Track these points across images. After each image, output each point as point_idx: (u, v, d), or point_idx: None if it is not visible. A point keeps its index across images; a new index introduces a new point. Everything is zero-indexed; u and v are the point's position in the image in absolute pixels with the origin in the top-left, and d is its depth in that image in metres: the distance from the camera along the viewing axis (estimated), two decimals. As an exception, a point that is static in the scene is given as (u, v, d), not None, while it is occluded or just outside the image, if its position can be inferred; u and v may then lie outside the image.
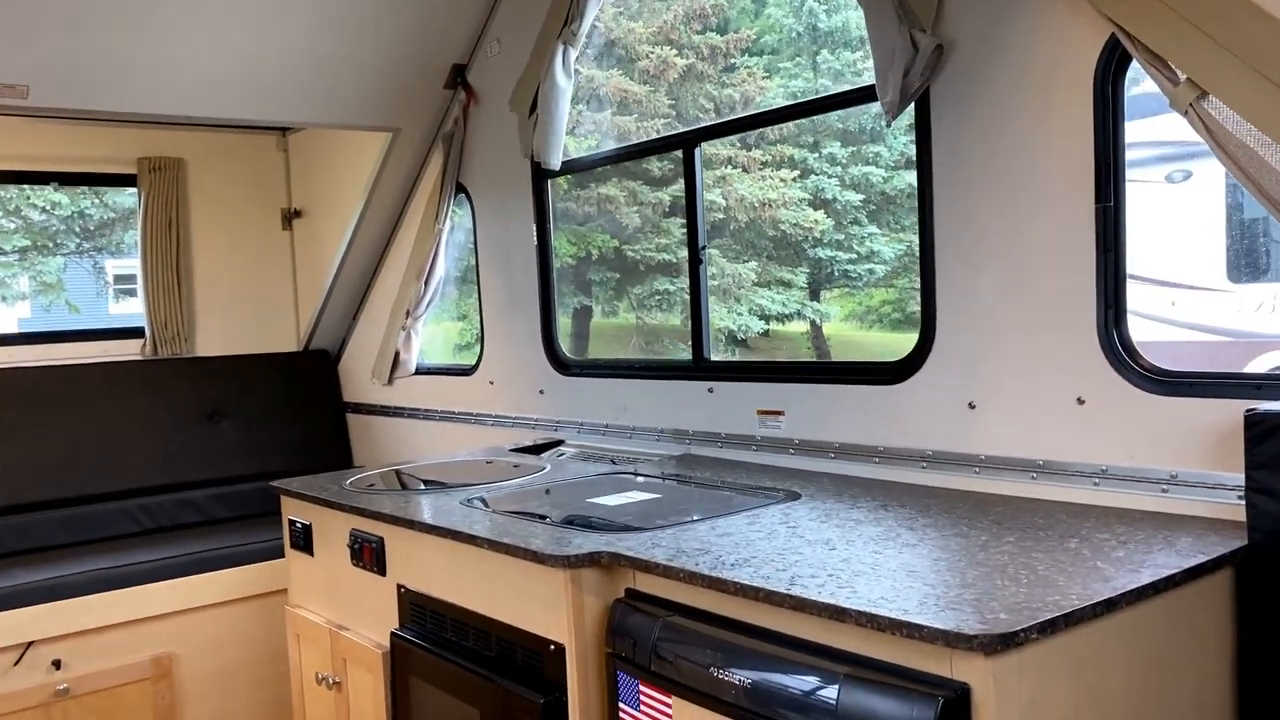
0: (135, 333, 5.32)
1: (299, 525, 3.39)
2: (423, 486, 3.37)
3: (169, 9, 3.75)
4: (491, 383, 4.51)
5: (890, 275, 18.88)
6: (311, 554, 3.35)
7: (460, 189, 4.56)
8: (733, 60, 18.52)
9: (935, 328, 2.75)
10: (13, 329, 17.93)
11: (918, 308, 2.74)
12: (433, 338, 5.24)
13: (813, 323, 18.86)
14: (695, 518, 2.51)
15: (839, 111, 20.23)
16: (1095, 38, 2.35)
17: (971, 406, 2.68)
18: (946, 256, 2.72)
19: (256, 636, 4.33)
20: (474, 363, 4.62)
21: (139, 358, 5.26)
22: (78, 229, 15.85)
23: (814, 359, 2.89)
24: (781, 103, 18.88)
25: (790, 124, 19.05)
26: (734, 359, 3.50)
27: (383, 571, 2.95)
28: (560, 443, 4.08)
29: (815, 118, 18.88)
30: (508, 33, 4.22)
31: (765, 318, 17.84)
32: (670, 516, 2.56)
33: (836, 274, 18.91)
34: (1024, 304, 2.55)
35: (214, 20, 3.85)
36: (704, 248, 3.49)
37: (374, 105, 4.42)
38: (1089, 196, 2.40)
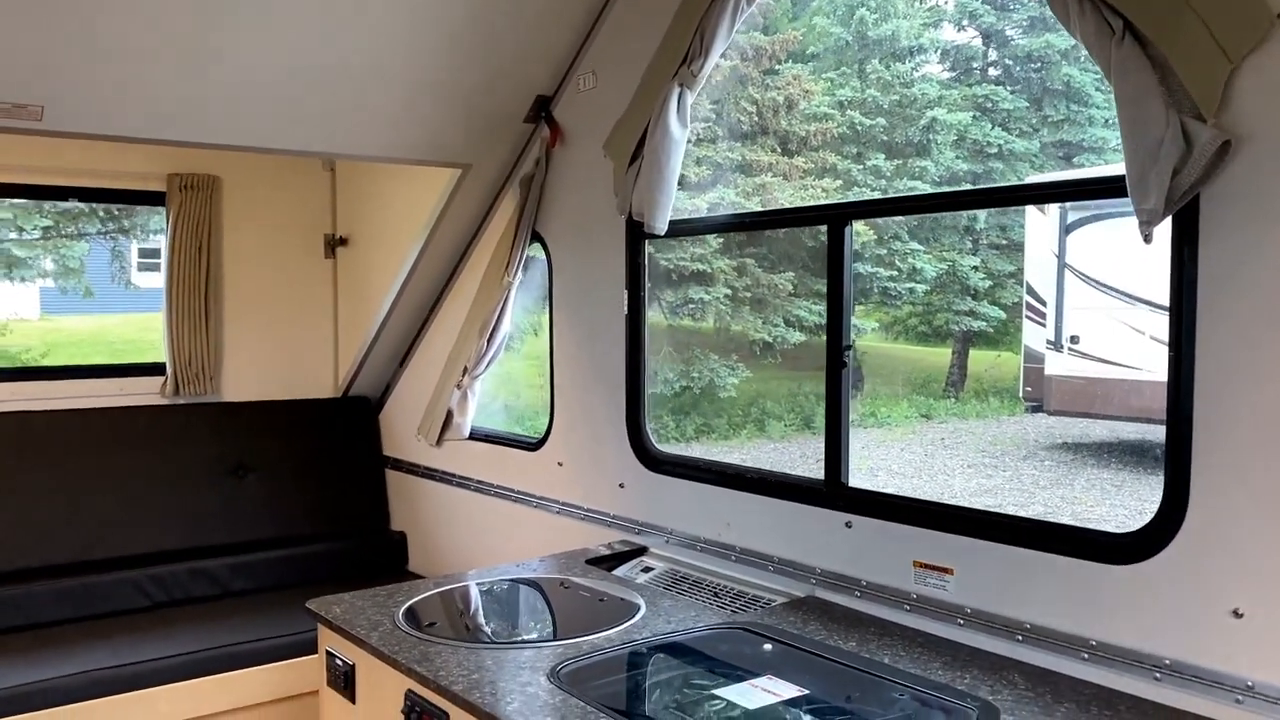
0: (155, 369, 4.74)
1: (340, 662, 2.78)
2: (490, 632, 2.77)
3: (202, 27, 3.14)
4: (560, 464, 3.89)
5: (929, 294, 18.26)
6: (353, 701, 2.74)
7: (536, 237, 3.94)
8: (776, 64, 17.88)
9: (1188, 499, 2.11)
10: (35, 310, 17.51)
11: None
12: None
13: (845, 334, 18.20)
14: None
15: (884, 120, 19.50)
16: None
17: (1237, 614, 2.04)
18: (1212, 404, 2.07)
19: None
20: (540, 437, 4.01)
21: (158, 398, 4.67)
22: (101, 212, 15.38)
23: (995, 513, 2.44)
24: (827, 111, 18.28)
25: (834, 130, 18.45)
26: (885, 492, 2.88)
27: (447, 755, 2.34)
28: (643, 551, 3.47)
29: (859, 123, 18.27)
30: (605, 65, 3.59)
31: (803, 329, 17.17)
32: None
33: (876, 290, 18.26)
34: (1330, 493, 1.91)
35: (254, 39, 3.24)
36: (849, 346, 2.86)
37: (442, 139, 3.80)
38: None
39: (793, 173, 17.91)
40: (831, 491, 2.88)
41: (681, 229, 3.35)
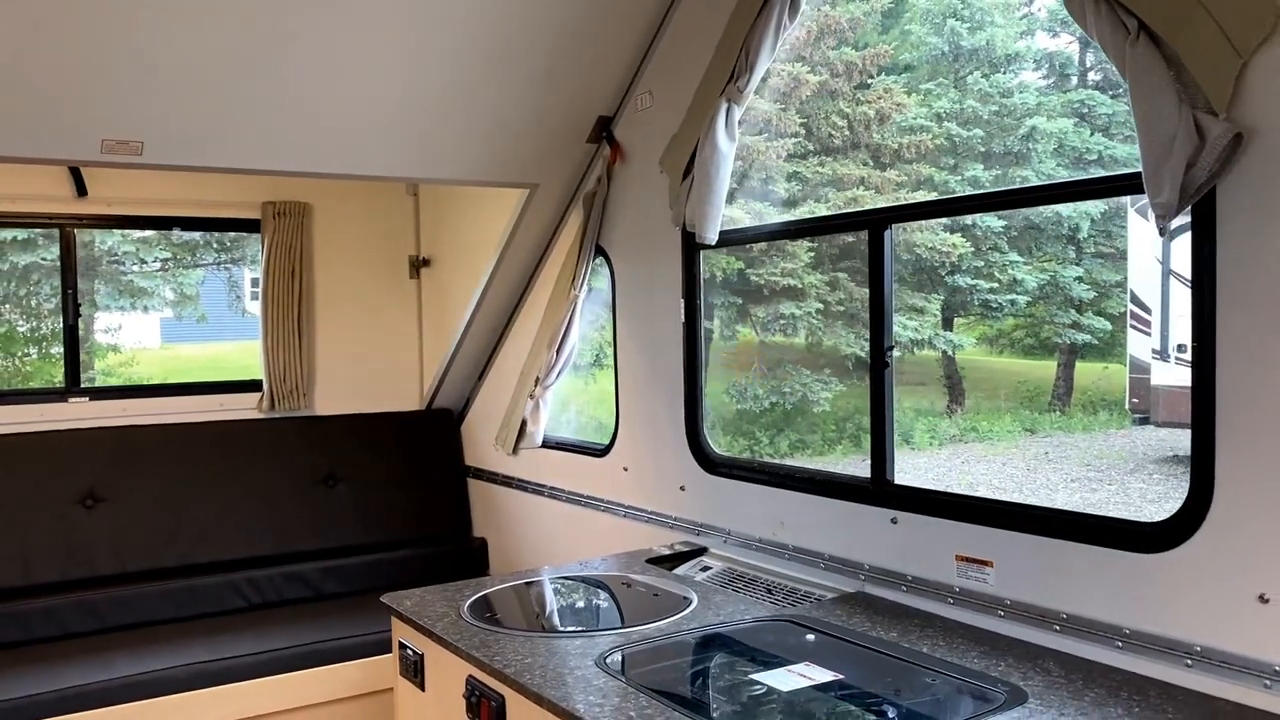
0: (253, 386, 5.05)
1: (410, 652, 2.96)
2: (553, 623, 2.92)
3: (291, 64, 3.40)
4: (625, 469, 4.03)
5: (1031, 305, 17.80)
6: (423, 688, 2.92)
7: (600, 252, 4.11)
8: (868, 78, 17.74)
9: (1213, 486, 2.14)
10: (156, 340, 18.43)
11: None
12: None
13: (944, 353, 17.87)
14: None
15: (982, 131, 19.13)
16: None
17: (1263, 600, 2.05)
18: (1234, 393, 2.10)
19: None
20: (607, 444, 4.16)
21: (255, 414, 4.98)
22: (215, 243, 16.21)
23: (1031, 505, 2.47)
24: (925, 124, 18.06)
25: (929, 142, 18.19)
26: (928, 488, 2.97)
27: (503, 735, 2.49)
28: (703, 551, 3.58)
29: (956, 134, 17.99)
30: (660, 84, 3.75)
31: (896, 344, 16.87)
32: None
33: (975, 303, 17.89)
34: (1351, 478, 1.93)
35: (340, 74, 3.49)
36: (890, 347, 2.93)
37: (511, 160, 4.00)
38: None
39: (885, 185, 17.68)
40: (878, 489, 2.96)
41: (731, 239, 3.47)
